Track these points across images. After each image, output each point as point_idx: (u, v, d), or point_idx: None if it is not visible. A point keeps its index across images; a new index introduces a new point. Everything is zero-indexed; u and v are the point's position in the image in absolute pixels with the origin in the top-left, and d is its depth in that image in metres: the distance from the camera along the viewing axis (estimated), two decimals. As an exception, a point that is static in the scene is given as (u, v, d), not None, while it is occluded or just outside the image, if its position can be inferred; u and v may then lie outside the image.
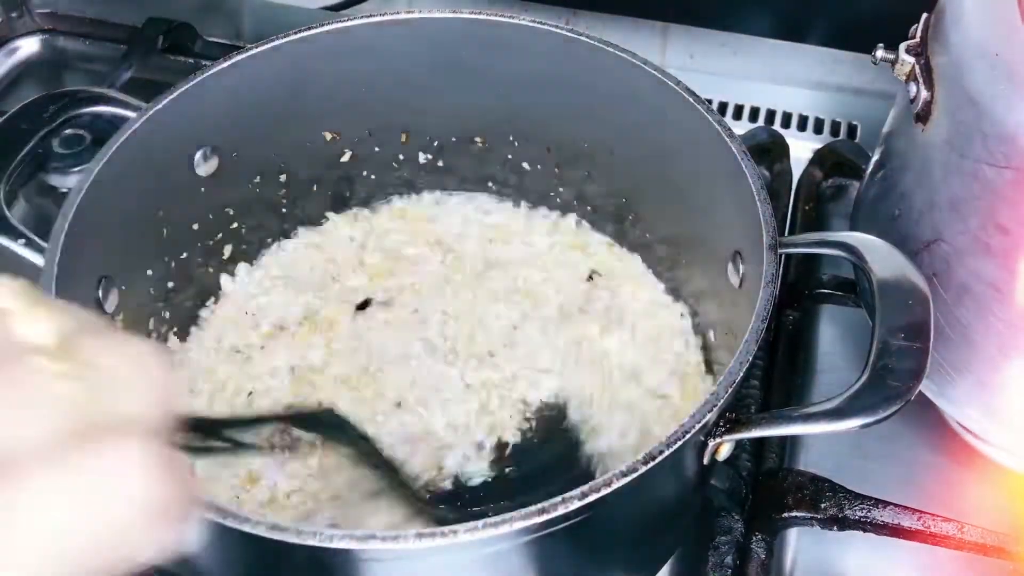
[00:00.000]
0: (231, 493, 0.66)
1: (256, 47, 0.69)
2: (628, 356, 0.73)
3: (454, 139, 0.79)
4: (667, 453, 0.48)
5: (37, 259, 0.59)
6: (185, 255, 0.72)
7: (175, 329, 0.73)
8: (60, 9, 1.07)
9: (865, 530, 0.65)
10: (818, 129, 0.99)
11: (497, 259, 0.80)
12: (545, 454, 0.69)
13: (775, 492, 0.67)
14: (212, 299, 0.76)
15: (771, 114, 1.00)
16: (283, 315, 0.76)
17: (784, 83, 1.03)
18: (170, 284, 0.72)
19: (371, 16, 0.70)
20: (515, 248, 0.81)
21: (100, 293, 0.62)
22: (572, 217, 0.82)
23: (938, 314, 0.60)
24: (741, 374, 0.51)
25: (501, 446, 0.69)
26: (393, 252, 0.80)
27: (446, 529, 0.44)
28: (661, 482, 0.54)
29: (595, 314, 0.75)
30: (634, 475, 0.46)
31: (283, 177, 0.77)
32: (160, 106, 0.65)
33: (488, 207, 0.83)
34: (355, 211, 0.82)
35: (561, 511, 0.45)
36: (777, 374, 0.76)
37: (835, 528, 0.65)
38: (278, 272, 0.79)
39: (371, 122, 0.77)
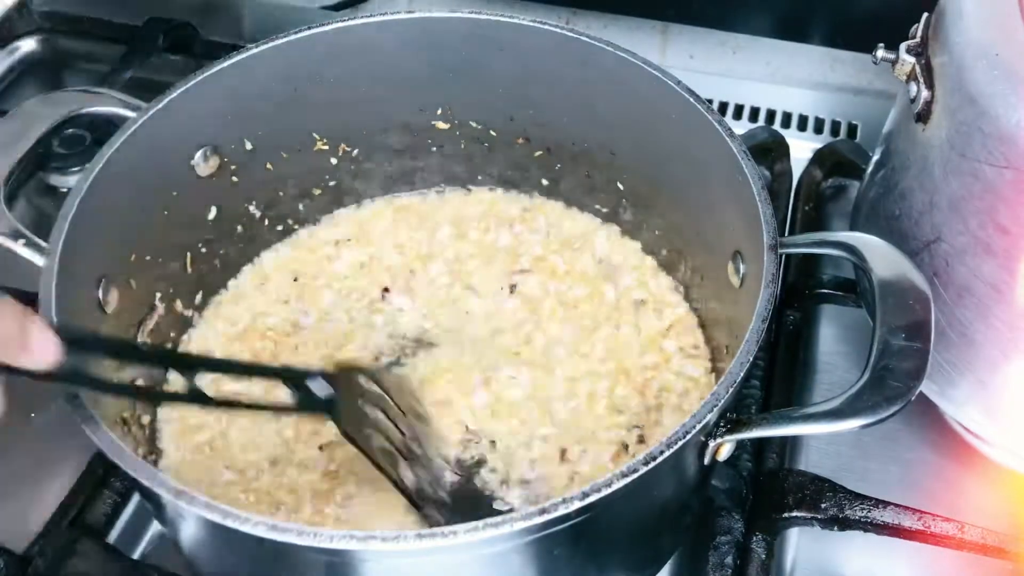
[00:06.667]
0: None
1: (256, 47, 0.69)
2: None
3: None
4: (668, 453, 0.48)
5: (37, 259, 0.59)
6: (185, 254, 0.72)
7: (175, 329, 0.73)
8: (60, 9, 1.07)
9: (865, 530, 0.65)
10: (818, 129, 0.99)
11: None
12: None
13: (775, 492, 0.67)
14: (211, 299, 0.76)
15: (771, 114, 1.00)
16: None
17: (784, 83, 1.03)
18: (170, 283, 0.71)
19: (371, 16, 0.70)
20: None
21: (100, 293, 0.62)
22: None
23: (939, 314, 0.60)
24: (742, 374, 0.51)
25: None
26: (398, 248, 0.80)
27: (446, 529, 0.44)
28: (661, 482, 0.54)
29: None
30: (634, 475, 0.46)
31: (283, 176, 0.77)
32: (160, 106, 0.65)
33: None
34: (354, 209, 0.82)
35: (561, 511, 0.45)
36: (777, 374, 0.75)
37: (835, 528, 0.65)
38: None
39: (371, 122, 0.77)
